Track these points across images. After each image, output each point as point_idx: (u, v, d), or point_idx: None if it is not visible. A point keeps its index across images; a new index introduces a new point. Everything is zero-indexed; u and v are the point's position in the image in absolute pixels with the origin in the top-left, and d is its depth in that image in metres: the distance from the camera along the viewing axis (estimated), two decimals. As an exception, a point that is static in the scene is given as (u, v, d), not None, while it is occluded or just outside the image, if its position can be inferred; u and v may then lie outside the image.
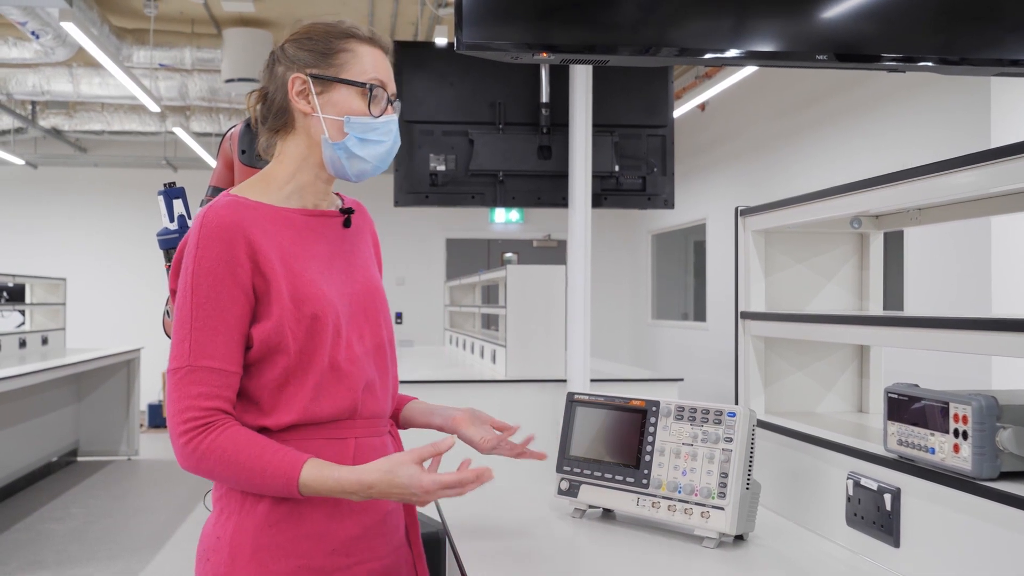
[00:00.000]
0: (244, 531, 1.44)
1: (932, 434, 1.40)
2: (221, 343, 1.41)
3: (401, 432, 1.69)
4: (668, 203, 3.98)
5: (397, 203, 3.81)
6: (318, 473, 1.39)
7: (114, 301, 10.60)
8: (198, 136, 9.34)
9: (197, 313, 1.40)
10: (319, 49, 1.51)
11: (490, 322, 6.39)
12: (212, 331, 1.40)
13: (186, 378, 1.39)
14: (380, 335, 1.57)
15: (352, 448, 1.50)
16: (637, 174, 3.90)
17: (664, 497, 1.67)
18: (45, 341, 7.28)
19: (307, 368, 1.45)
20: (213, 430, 1.39)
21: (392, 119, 1.54)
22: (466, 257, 11.18)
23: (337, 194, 1.63)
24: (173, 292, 1.48)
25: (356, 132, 1.50)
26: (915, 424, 1.44)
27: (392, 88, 1.55)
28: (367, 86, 1.50)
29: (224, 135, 2.26)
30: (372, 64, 1.52)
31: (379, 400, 1.55)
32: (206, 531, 1.50)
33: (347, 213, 1.59)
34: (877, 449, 1.57)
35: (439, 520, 1.92)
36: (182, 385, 1.39)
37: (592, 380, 3.87)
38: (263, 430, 1.44)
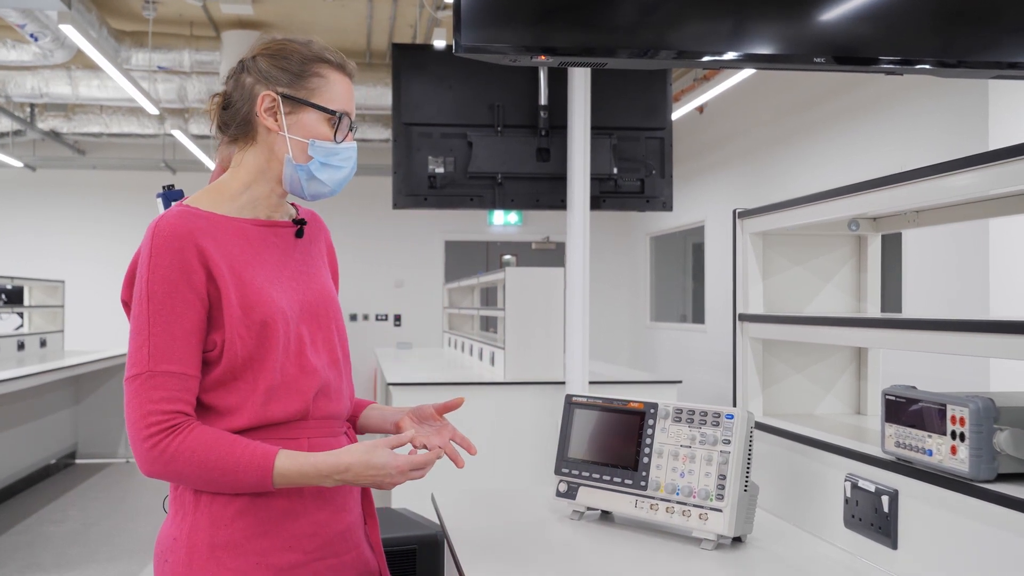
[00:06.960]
0: (200, 529, 1.45)
1: (930, 436, 1.40)
2: (180, 347, 1.42)
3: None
4: (666, 205, 3.99)
5: (396, 205, 3.82)
6: (292, 461, 1.41)
7: (112, 303, 10.43)
8: (196, 138, 9.34)
9: (154, 319, 1.42)
10: (293, 70, 1.53)
11: (489, 324, 6.40)
12: (170, 336, 1.42)
13: (147, 383, 1.41)
14: (332, 341, 1.58)
15: (305, 447, 1.50)
16: (635, 176, 3.91)
17: (662, 499, 1.67)
18: (43, 343, 7.28)
19: (258, 373, 1.47)
20: (180, 432, 1.40)
21: (352, 146, 1.58)
22: (465, 259, 11.18)
23: (292, 204, 1.66)
24: (125, 303, 1.50)
25: (320, 156, 1.53)
26: (913, 426, 1.44)
27: (353, 115, 1.58)
28: (336, 114, 1.54)
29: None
30: (341, 91, 1.56)
31: (333, 402, 1.56)
32: (163, 533, 1.50)
33: (299, 224, 1.61)
34: (875, 451, 1.57)
35: (437, 522, 1.92)
36: (143, 391, 1.40)
37: (591, 382, 3.87)
38: None
